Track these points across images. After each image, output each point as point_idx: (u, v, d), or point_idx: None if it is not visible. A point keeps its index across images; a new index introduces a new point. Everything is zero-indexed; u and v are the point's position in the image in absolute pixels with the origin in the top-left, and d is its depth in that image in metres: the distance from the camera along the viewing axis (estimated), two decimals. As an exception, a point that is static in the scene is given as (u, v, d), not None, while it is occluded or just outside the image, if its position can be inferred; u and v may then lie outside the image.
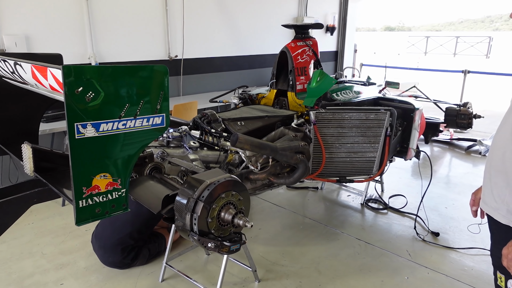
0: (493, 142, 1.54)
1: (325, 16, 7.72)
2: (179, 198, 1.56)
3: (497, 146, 1.48)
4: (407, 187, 4.11)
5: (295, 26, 3.03)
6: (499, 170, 1.45)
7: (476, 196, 1.76)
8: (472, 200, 1.77)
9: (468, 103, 4.88)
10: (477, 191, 1.77)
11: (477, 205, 1.74)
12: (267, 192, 3.82)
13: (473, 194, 1.78)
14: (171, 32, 5.03)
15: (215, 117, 2.37)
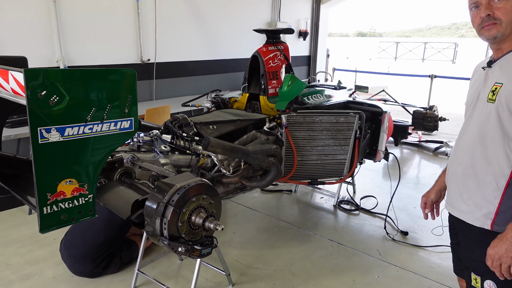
0: (457, 147, 1.58)
1: (297, 21, 7.84)
2: (149, 203, 1.55)
3: (463, 151, 1.52)
4: (378, 188, 4.22)
5: (267, 31, 3.06)
6: (468, 174, 1.48)
7: (427, 198, 1.81)
8: (424, 203, 1.82)
9: (434, 107, 5.08)
10: (427, 193, 1.83)
11: (430, 207, 1.81)
12: (242, 196, 3.83)
13: (423, 197, 1.84)
14: (143, 35, 4.98)
15: (186, 121, 2.36)
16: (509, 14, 1.32)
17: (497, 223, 1.40)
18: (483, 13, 1.35)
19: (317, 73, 8.28)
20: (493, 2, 1.33)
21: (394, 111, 6.78)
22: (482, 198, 1.43)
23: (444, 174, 1.76)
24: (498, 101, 1.35)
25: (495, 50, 1.44)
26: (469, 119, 1.52)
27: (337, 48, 24.74)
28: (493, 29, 1.35)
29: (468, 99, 1.57)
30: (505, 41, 1.37)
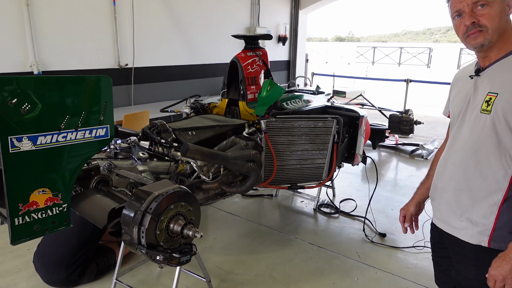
0: (446, 161, 1.50)
1: (276, 26, 7.91)
2: (126, 211, 1.52)
3: (454, 164, 1.44)
4: (357, 191, 4.29)
5: (245, 37, 3.08)
6: (462, 189, 1.41)
7: (407, 212, 1.73)
8: (403, 216, 1.74)
9: (410, 111, 5.21)
10: (406, 206, 1.75)
11: (409, 221, 1.73)
12: (223, 201, 3.81)
13: (402, 210, 1.76)
14: (120, 40, 4.91)
15: (165, 127, 2.34)
16: (495, 20, 1.26)
17: (494, 240, 1.33)
18: (467, 21, 1.29)
19: (296, 77, 8.36)
20: (477, 9, 1.28)
21: (372, 115, 6.93)
22: (478, 214, 1.36)
23: (423, 186, 1.72)
24: (494, 112, 1.28)
25: (482, 58, 1.38)
26: (458, 130, 1.44)
27: (317, 52, 25.08)
28: (480, 37, 1.29)
29: (454, 109, 1.49)
30: (492, 48, 1.32)
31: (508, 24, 1.31)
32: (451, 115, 1.54)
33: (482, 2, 1.26)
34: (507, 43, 1.31)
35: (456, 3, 1.31)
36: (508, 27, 1.31)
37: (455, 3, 1.32)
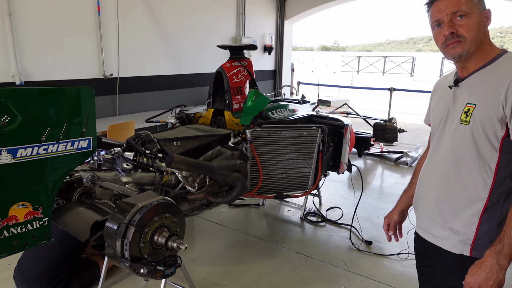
0: (427, 170, 1.51)
1: (262, 36, 7.99)
2: (109, 224, 1.50)
3: (435, 174, 1.45)
4: (343, 199, 4.32)
5: (230, 47, 3.10)
6: (443, 199, 1.42)
7: (391, 220, 1.74)
8: (387, 224, 1.75)
9: (393, 119, 5.30)
10: (390, 215, 1.76)
11: (393, 229, 1.74)
12: (209, 211, 3.79)
13: (386, 218, 1.77)
14: (105, 50, 4.88)
15: (149, 138, 2.33)
16: (473, 31, 1.28)
17: (476, 249, 1.35)
18: (446, 31, 1.30)
19: (282, 86, 8.43)
20: (456, 20, 1.29)
21: (357, 124, 7.02)
22: (459, 223, 1.37)
23: (406, 194, 1.73)
24: (472, 123, 1.30)
25: (460, 68, 1.39)
26: (438, 140, 1.46)
27: (303, 61, 25.35)
28: (458, 47, 1.30)
29: (435, 119, 1.51)
30: (471, 59, 1.34)
31: (486, 35, 1.34)
32: (431, 125, 1.56)
33: (461, 13, 1.28)
34: (485, 54, 1.34)
35: (436, 13, 1.34)
36: (486, 39, 1.34)
37: (435, 13, 1.34)
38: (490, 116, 1.27)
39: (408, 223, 1.84)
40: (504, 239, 1.23)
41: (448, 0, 1.30)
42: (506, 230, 1.24)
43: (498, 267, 1.23)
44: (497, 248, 1.24)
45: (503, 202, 1.31)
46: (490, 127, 1.28)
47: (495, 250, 1.24)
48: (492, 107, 1.27)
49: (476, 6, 1.30)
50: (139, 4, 5.31)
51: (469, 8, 1.29)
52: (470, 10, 1.29)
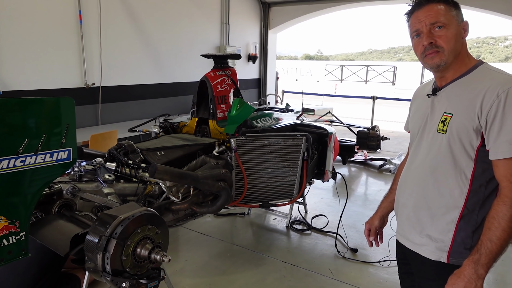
0: (406, 178, 1.52)
1: (246, 45, 8.03)
2: (89, 237, 1.46)
3: (414, 182, 1.47)
4: (328, 207, 4.33)
5: (214, 56, 3.10)
6: (421, 206, 1.43)
7: (371, 225, 1.75)
8: (368, 230, 1.76)
9: (376, 127, 5.38)
10: (371, 220, 1.77)
11: (374, 235, 1.75)
12: (194, 221, 3.74)
13: (367, 223, 1.77)
14: (87, 59, 4.81)
15: (132, 148, 2.29)
16: (451, 42, 1.31)
17: (452, 256, 1.36)
18: (425, 41, 1.33)
19: (267, 95, 8.47)
20: (434, 30, 1.31)
21: (341, 132, 7.10)
22: (436, 230, 1.39)
23: (386, 200, 1.75)
24: (449, 133, 1.32)
25: (438, 78, 1.42)
26: (417, 148, 1.48)
27: (287, 70, 25.59)
28: (436, 58, 1.33)
29: (413, 126, 1.53)
30: (449, 69, 1.36)
31: (463, 46, 1.37)
32: (410, 132, 1.58)
33: (440, 24, 1.31)
34: (462, 65, 1.37)
35: (415, 23, 1.37)
36: (463, 50, 1.37)
37: (414, 23, 1.37)
38: (466, 126, 1.30)
39: (391, 230, 1.85)
40: (481, 249, 1.25)
41: (427, 11, 1.33)
42: (483, 240, 1.25)
43: (476, 276, 1.24)
44: (475, 258, 1.25)
45: (478, 210, 1.34)
46: (466, 136, 1.30)
47: (473, 259, 1.25)
48: (468, 117, 1.29)
49: (454, 18, 1.33)
50: (122, 13, 5.27)
51: (448, 19, 1.32)
52: (448, 22, 1.32)
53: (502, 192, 1.26)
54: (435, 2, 1.33)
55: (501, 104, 1.23)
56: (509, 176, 1.24)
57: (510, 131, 1.22)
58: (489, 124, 1.25)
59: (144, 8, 5.56)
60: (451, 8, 1.33)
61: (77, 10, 4.62)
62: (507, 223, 1.22)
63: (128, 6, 5.33)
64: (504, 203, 1.24)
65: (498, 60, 40.02)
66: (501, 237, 1.23)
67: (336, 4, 7.88)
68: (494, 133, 1.24)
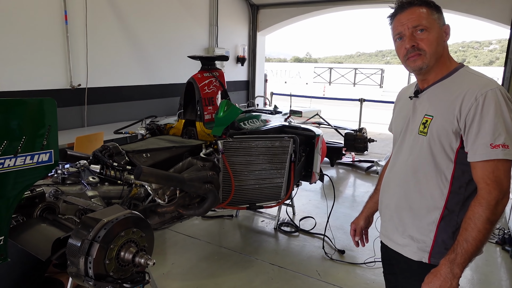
0: (389, 179, 1.54)
1: (235, 47, 8.03)
2: (72, 241, 1.43)
3: (396, 183, 1.48)
4: (316, 208, 4.34)
5: (201, 58, 3.09)
6: (403, 207, 1.45)
7: (357, 225, 1.76)
8: (353, 230, 1.77)
9: (363, 129, 5.43)
10: (357, 220, 1.78)
11: (360, 235, 1.76)
12: (182, 224, 3.71)
13: (353, 224, 1.79)
14: (73, 60, 4.75)
15: (117, 150, 2.26)
16: (433, 45, 1.32)
17: (434, 256, 1.38)
18: (407, 44, 1.34)
19: (255, 97, 8.48)
20: (417, 34, 1.33)
21: (329, 134, 7.14)
22: (418, 231, 1.40)
23: (371, 200, 1.76)
24: (430, 135, 1.34)
25: (420, 80, 1.43)
26: (399, 149, 1.49)
27: (276, 72, 25.65)
28: (418, 60, 1.34)
29: (396, 128, 1.55)
30: (430, 72, 1.37)
31: (445, 49, 1.39)
32: (393, 133, 1.60)
33: (422, 27, 1.33)
34: (443, 68, 1.39)
35: (397, 26, 1.38)
36: (445, 53, 1.39)
37: (397, 26, 1.38)
38: (446, 128, 1.32)
39: (376, 231, 1.86)
40: (457, 248, 1.27)
41: (409, 14, 1.34)
42: (459, 240, 1.27)
43: (452, 275, 1.26)
44: (451, 257, 1.27)
45: (458, 211, 1.36)
46: (446, 138, 1.32)
47: (449, 259, 1.27)
48: (447, 120, 1.31)
49: (436, 21, 1.35)
50: (109, 13, 5.22)
51: (429, 23, 1.33)
52: (430, 25, 1.33)
53: (479, 193, 1.28)
54: (417, 5, 1.34)
55: (479, 108, 1.25)
56: (486, 178, 1.25)
57: (487, 134, 1.24)
58: (468, 126, 1.27)
59: (131, 9, 5.52)
60: (433, 12, 1.35)
61: (63, 11, 4.55)
62: (483, 224, 1.24)
63: (115, 6, 5.28)
64: (480, 204, 1.26)
65: (482, 64, 40.80)
66: (477, 238, 1.24)
67: (324, 7, 7.94)
68: (472, 136, 1.26)
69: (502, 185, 1.25)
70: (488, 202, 1.24)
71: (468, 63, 27.50)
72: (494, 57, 42.96)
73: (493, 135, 1.23)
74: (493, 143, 1.23)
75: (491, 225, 1.25)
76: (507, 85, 6.02)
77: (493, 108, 1.23)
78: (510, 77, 5.98)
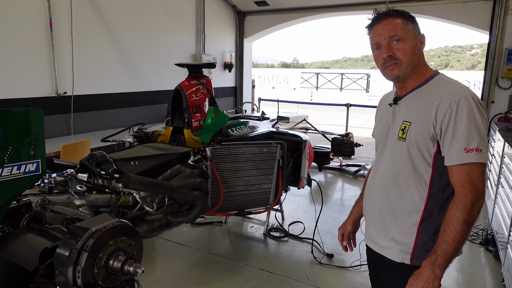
0: (372, 183, 1.58)
1: (222, 53, 8.07)
2: (60, 250, 1.43)
3: (378, 187, 1.53)
4: (305, 213, 4.38)
5: (189, 66, 3.10)
6: (385, 210, 1.49)
7: (345, 230, 1.79)
8: (341, 235, 1.80)
9: (350, 134, 5.50)
10: (344, 225, 1.81)
11: (347, 239, 1.79)
12: (170, 231, 3.70)
13: (340, 229, 1.82)
14: (58, 67, 4.71)
15: (105, 158, 2.26)
16: (408, 54, 1.37)
17: (415, 258, 1.42)
18: (384, 54, 1.39)
19: (243, 103, 8.51)
20: (393, 44, 1.38)
21: (317, 139, 7.21)
22: (400, 233, 1.44)
23: (357, 204, 1.80)
24: (408, 140, 1.39)
25: (399, 88, 1.49)
26: (380, 155, 1.54)
27: (264, 78, 25.78)
28: (395, 69, 1.39)
29: (378, 133, 1.60)
30: (407, 80, 1.43)
31: (421, 58, 1.45)
32: (375, 139, 1.64)
33: (397, 37, 1.38)
34: (420, 76, 1.45)
35: (375, 36, 1.43)
36: (421, 61, 1.45)
37: (374, 37, 1.44)
38: (423, 134, 1.37)
39: (362, 234, 1.90)
40: (437, 250, 1.31)
41: (385, 25, 1.40)
42: (439, 242, 1.32)
43: (433, 276, 1.30)
44: (432, 259, 1.31)
45: (437, 214, 1.41)
46: (424, 143, 1.38)
47: (430, 260, 1.32)
48: (424, 126, 1.36)
49: (411, 31, 1.40)
50: (95, 21, 5.20)
51: (405, 33, 1.39)
52: (406, 35, 1.39)
53: (456, 196, 1.33)
54: (393, 16, 1.40)
55: (453, 114, 1.30)
56: (462, 181, 1.31)
57: (461, 139, 1.29)
58: (443, 132, 1.32)
59: (117, 16, 5.51)
60: (408, 22, 1.40)
61: (48, 18, 4.52)
62: (461, 226, 1.29)
63: (101, 14, 5.26)
64: (457, 206, 1.30)
65: (465, 68, 41.66)
66: (455, 239, 1.29)
67: (310, 14, 8.05)
68: (448, 141, 1.32)
69: (477, 187, 1.30)
70: (465, 204, 1.29)
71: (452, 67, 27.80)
72: (476, 61, 43.95)
73: (467, 139, 1.28)
74: (467, 148, 1.28)
75: (468, 226, 1.30)
76: (488, 88, 6.19)
77: (466, 114, 1.29)
78: (491, 80, 6.15)
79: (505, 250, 2.81)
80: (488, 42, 6.21)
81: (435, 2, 6.63)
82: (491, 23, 6.14)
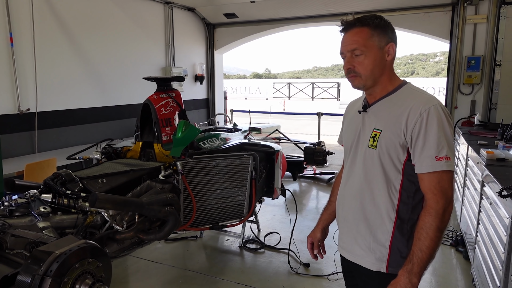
0: (344, 192, 1.58)
1: (193, 66, 8.03)
2: (20, 277, 1.35)
3: (352, 195, 1.52)
4: (281, 223, 4.37)
5: (157, 79, 3.06)
6: (359, 218, 1.48)
7: (314, 238, 1.78)
8: (311, 243, 1.79)
9: (322, 142, 5.57)
10: (313, 233, 1.80)
11: (317, 248, 1.78)
12: (143, 249, 3.59)
13: (309, 237, 1.81)
14: (20, 83, 4.53)
15: (70, 177, 2.17)
16: (367, 69, 1.39)
17: (391, 265, 1.42)
18: (345, 66, 1.43)
19: (216, 115, 8.48)
20: (354, 57, 1.40)
21: (290, 148, 7.26)
22: (374, 241, 1.45)
23: (326, 212, 1.80)
24: (379, 148, 1.40)
25: (368, 95, 1.50)
26: (352, 163, 1.53)
27: (236, 89, 25.87)
28: (355, 81, 1.43)
29: (347, 140, 1.59)
30: (375, 88, 1.44)
31: (386, 69, 1.45)
32: (344, 146, 1.65)
33: (358, 52, 1.40)
34: (388, 85, 1.46)
35: (341, 46, 1.46)
36: (387, 71, 1.45)
37: (341, 46, 1.46)
38: (394, 142, 1.39)
39: (335, 244, 1.90)
40: (413, 258, 1.32)
41: (351, 36, 1.42)
42: (414, 250, 1.33)
43: (410, 285, 1.31)
44: (408, 268, 1.32)
45: (408, 220, 1.42)
46: (394, 151, 1.40)
47: (407, 269, 1.33)
48: (395, 134, 1.38)
49: (375, 43, 1.40)
50: (58, 34, 5.05)
51: (367, 47, 1.40)
52: (367, 49, 1.40)
53: (427, 203, 1.35)
54: (358, 26, 1.41)
55: (424, 123, 1.33)
56: (433, 189, 1.33)
57: (432, 147, 1.32)
58: (414, 140, 1.35)
59: (82, 29, 5.38)
60: (373, 33, 1.40)
61: (8, 33, 4.36)
62: (434, 233, 1.31)
63: (65, 27, 5.12)
64: (430, 214, 1.33)
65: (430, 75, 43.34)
66: (430, 246, 1.31)
67: (278, 25, 8.18)
68: (418, 149, 1.34)
69: (447, 194, 1.33)
70: (437, 211, 1.32)
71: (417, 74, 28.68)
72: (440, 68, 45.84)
73: (437, 148, 1.31)
74: (438, 156, 1.31)
75: (441, 233, 1.32)
76: (451, 94, 6.46)
77: (436, 123, 1.32)
78: (453, 87, 6.42)
79: (474, 250, 2.90)
80: (449, 50, 6.50)
81: (398, 13, 6.90)
82: (451, 32, 6.45)
